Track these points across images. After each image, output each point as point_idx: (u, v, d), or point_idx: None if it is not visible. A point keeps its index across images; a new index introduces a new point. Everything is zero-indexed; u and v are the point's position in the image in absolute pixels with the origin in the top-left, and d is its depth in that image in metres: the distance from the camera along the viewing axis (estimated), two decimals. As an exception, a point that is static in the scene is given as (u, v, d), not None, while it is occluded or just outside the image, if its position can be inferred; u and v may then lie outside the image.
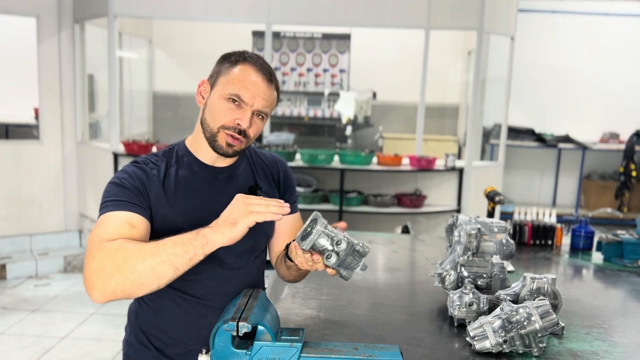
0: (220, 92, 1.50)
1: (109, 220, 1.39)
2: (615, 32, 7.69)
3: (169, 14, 5.20)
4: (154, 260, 1.28)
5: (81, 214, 5.43)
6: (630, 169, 7.15)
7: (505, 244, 1.76)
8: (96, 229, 1.38)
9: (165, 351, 1.57)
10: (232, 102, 1.49)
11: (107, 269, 1.27)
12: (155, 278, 1.29)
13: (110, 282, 1.27)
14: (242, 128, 1.50)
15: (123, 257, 1.28)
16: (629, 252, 2.34)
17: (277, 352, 1.23)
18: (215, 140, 1.52)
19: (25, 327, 3.84)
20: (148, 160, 1.56)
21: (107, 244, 1.32)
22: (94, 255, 1.31)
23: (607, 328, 1.63)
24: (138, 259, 1.28)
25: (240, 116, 1.49)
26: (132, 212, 1.42)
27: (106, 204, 1.43)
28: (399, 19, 5.00)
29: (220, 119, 1.50)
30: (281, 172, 1.74)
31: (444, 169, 4.90)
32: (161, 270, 1.29)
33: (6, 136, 5.93)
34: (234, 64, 1.52)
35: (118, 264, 1.27)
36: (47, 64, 5.17)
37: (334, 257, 1.32)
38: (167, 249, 1.30)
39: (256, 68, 1.52)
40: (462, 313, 1.54)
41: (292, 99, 6.80)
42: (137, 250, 1.30)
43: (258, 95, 1.50)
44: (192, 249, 1.30)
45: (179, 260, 1.30)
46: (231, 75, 1.51)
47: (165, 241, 1.31)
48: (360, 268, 1.35)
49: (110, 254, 1.29)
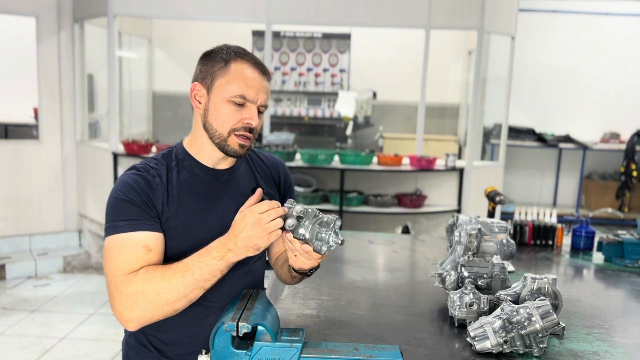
0: (222, 95, 1.48)
1: (124, 247, 1.40)
2: (616, 32, 7.69)
3: (169, 14, 5.20)
4: (185, 289, 1.36)
5: (80, 214, 5.43)
6: (631, 168, 7.15)
7: (505, 244, 1.75)
8: (113, 257, 1.40)
9: (165, 352, 1.56)
10: (236, 104, 1.48)
11: (141, 304, 1.35)
12: (188, 301, 1.39)
13: (147, 314, 1.36)
14: (253, 126, 1.50)
15: (154, 291, 1.35)
16: (630, 252, 2.33)
17: (277, 353, 1.23)
18: (226, 144, 1.51)
19: (25, 328, 3.84)
20: (148, 166, 1.53)
21: (132, 277, 1.37)
22: (121, 290, 1.36)
23: (607, 328, 1.62)
24: (171, 291, 1.35)
25: (248, 115, 1.49)
26: (145, 231, 1.42)
27: (114, 224, 1.42)
28: (399, 19, 5.00)
29: (229, 123, 1.48)
30: (281, 174, 1.74)
31: (445, 169, 4.89)
32: (193, 296, 1.39)
33: (5, 136, 5.93)
34: (227, 62, 1.49)
35: (150, 298, 1.35)
36: (47, 64, 5.17)
37: (290, 220, 1.34)
38: (196, 276, 1.37)
39: (250, 63, 1.51)
40: (463, 313, 1.54)
41: (292, 98, 6.79)
42: (166, 281, 1.36)
43: (260, 90, 1.50)
44: (220, 272, 1.39)
45: (208, 283, 1.39)
46: (229, 75, 1.48)
47: (192, 268, 1.37)
48: (334, 240, 1.34)
49: (139, 288, 1.35)
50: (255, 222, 1.33)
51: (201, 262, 1.37)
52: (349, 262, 2.27)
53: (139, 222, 1.42)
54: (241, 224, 1.35)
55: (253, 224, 1.33)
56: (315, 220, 1.34)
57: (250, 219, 1.34)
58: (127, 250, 1.40)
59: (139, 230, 1.42)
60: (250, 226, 1.34)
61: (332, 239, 1.33)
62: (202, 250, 1.39)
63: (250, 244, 1.34)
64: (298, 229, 1.34)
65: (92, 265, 5.18)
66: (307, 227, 1.34)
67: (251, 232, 1.33)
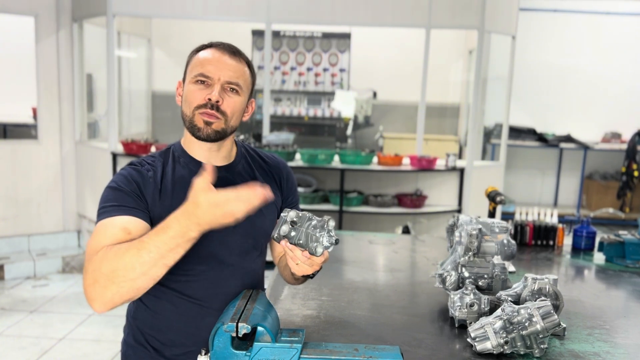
0: (188, 80, 1.52)
1: (104, 229, 1.38)
2: (617, 31, 7.68)
3: (168, 13, 5.19)
4: (142, 267, 1.27)
5: (79, 214, 5.42)
6: (632, 168, 7.14)
7: (506, 244, 1.75)
8: (91, 239, 1.38)
9: (163, 352, 1.56)
10: (200, 82, 1.49)
11: (101, 281, 1.28)
12: (151, 280, 1.30)
13: (107, 293, 1.28)
14: (213, 101, 1.48)
15: (110, 268, 1.27)
16: (631, 253, 2.33)
17: (277, 353, 1.23)
18: (194, 125, 1.50)
19: (24, 328, 3.83)
20: (144, 161, 1.55)
21: (93, 257, 1.31)
22: (87, 268, 1.31)
23: (609, 329, 1.62)
24: (126, 268, 1.27)
25: (210, 91, 1.49)
26: (129, 215, 1.40)
27: (103, 209, 1.42)
28: (400, 18, 4.99)
29: (193, 102, 1.50)
30: (284, 174, 1.73)
31: (445, 169, 4.88)
32: (154, 273, 1.29)
33: (4, 136, 5.93)
34: (197, 52, 1.55)
35: (107, 275, 1.27)
36: (46, 63, 5.16)
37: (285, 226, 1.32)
38: (154, 254, 1.27)
39: (217, 47, 1.53)
40: (463, 314, 1.54)
41: (292, 98, 6.79)
42: (119, 258, 1.28)
43: (223, 67, 1.50)
44: (182, 250, 1.29)
45: (170, 260, 1.29)
46: (195, 60, 1.53)
47: (149, 246, 1.27)
48: (328, 240, 1.32)
49: (97, 266, 1.29)
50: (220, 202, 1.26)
51: (158, 240, 1.28)
52: (349, 263, 2.26)
53: (123, 207, 1.41)
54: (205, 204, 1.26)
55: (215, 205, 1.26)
56: (309, 224, 1.34)
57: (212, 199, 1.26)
58: (106, 231, 1.37)
59: (122, 214, 1.40)
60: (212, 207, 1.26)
61: (326, 239, 1.32)
62: (158, 227, 1.30)
63: (214, 223, 1.27)
64: (291, 234, 1.33)
65: (91, 265, 5.16)
66: (302, 231, 1.33)
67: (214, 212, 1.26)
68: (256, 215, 1.58)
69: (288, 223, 1.33)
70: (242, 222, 1.55)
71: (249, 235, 1.58)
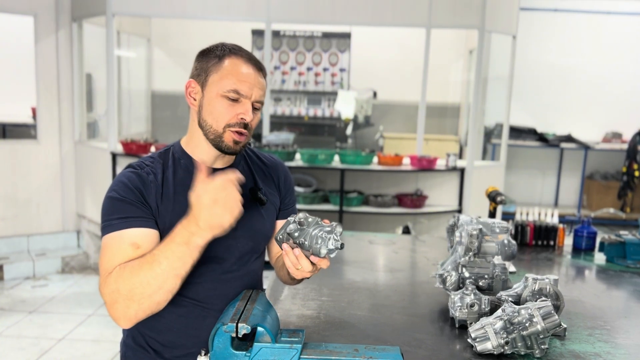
0: (216, 90, 1.47)
1: (112, 246, 1.40)
2: (618, 31, 7.68)
3: (168, 13, 5.19)
4: (157, 281, 1.32)
5: (79, 214, 5.41)
6: (633, 168, 7.13)
7: (507, 244, 1.75)
8: (102, 257, 1.40)
9: (163, 353, 1.56)
10: (230, 99, 1.47)
11: (120, 301, 1.33)
12: (168, 293, 1.35)
13: (129, 311, 1.34)
14: (247, 122, 1.48)
15: (127, 287, 1.32)
16: (632, 253, 2.33)
17: (277, 354, 1.23)
18: (221, 140, 1.49)
19: (23, 329, 3.83)
20: (143, 164, 1.53)
21: (108, 279, 1.35)
22: (103, 290, 1.36)
23: (609, 329, 1.62)
24: (142, 284, 1.32)
25: (242, 110, 1.47)
26: (135, 227, 1.41)
27: (108, 222, 1.43)
28: (400, 18, 4.98)
29: (224, 118, 1.47)
30: (281, 174, 1.72)
31: (445, 169, 4.87)
32: (169, 286, 1.34)
33: (3, 136, 5.93)
34: (221, 58, 1.49)
35: (126, 294, 1.33)
36: (45, 63, 5.16)
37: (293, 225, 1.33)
38: (164, 266, 1.32)
39: (244, 59, 1.50)
40: (464, 314, 1.53)
41: (292, 98, 6.78)
42: (135, 275, 1.32)
43: (254, 85, 1.49)
44: (190, 258, 1.33)
45: (181, 271, 1.34)
46: (223, 71, 1.48)
47: (159, 259, 1.32)
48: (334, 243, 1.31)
49: (114, 287, 1.34)
50: (212, 199, 1.28)
51: (167, 250, 1.32)
52: (349, 263, 2.25)
53: (130, 219, 1.42)
54: (198, 205, 1.30)
55: (210, 204, 1.28)
56: (316, 227, 1.33)
57: (206, 199, 1.28)
58: (116, 248, 1.39)
59: (130, 227, 1.41)
60: (207, 207, 1.28)
61: (332, 242, 1.31)
62: (167, 238, 1.35)
63: (214, 224, 1.29)
64: (296, 234, 1.33)
65: (90, 265, 5.16)
66: (307, 233, 1.32)
67: (210, 211, 1.28)
68: (256, 218, 1.59)
69: (296, 223, 1.33)
70: (242, 224, 1.56)
71: (248, 237, 1.58)
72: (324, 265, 1.36)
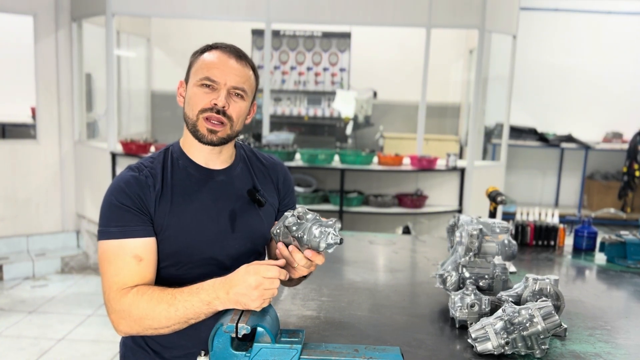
0: (193, 82, 1.50)
1: (116, 257, 1.42)
2: (619, 31, 7.67)
3: (168, 12, 5.19)
4: (168, 322, 1.37)
5: (79, 214, 5.41)
6: (633, 168, 7.13)
7: (507, 244, 1.75)
8: (107, 267, 1.43)
9: (162, 354, 1.56)
10: (205, 86, 1.48)
11: (127, 320, 1.40)
12: (172, 331, 1.41)
13: (132, 331, 1.41)
14: (219, 106, 1.47)
15: (139, 314, 1.38)
16: (632, 253, 2.32)
17: (277, 354, 1.23)
18: (197, 129, 1.49)
19: (22, 329, 3.82)
20: (142, 165, 1.53)
21: (123, 295, 1.40)
22: (112, 304, 1.41)
23: (610, 330, 1.62)
24: (154, 319, 1.37)
25: (215, 96, 1.47)
26: (135, 237, 1.43)
27: (106, 229, 1.44)
28: (400, 17, 4.98)
29: (197, 105, 1.48)
30: (281, 176, 1.72)
31: (445, 169, 4.87)
32: (176, 328, 1.40)
33: (3, 136, 5.92)
34: (201, 53, 1.52)
35: (135, 319, 1.38)
36: (45, 63, 5.15)
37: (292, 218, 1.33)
38: (180, 313, 1.36)
39: (223, 50, 1.51)
40: (464, 314, 1.53)
41: (292, 98, 6.78)
42: (151, 309, 1.37)
43: (229, 72, 1.48)
44: (204, 315, 1.37)
45: (192, 321, 1.39)
46: (200, 63, 1.50)
47: (177, 305, 1.36)
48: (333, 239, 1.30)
49: (126, 308, 1.39)
50: (257, 284, 1.28)
51: (187, 301, 1.35)
52: (349, 263, 2.25)
53: (129, 229, 1.43)
54: (241, 278, 1.29)
55: (253, 286, 1.28)
56: (315, 222, 1.33)
57: (252, 280, 1.28)
58: (119, 261, 1.42)
59: (129, 237, 1.43)
60: (248, 286, 1.28)
61: (331, 237, 1.30)
62: (194, 287, 1.36)
63: (241, 301, 1.29)
64: (294, 227, 1.32)
65: (90, 266, 5.16)
66: (306, 227, 1.32)
67: (247, 291, 1.28)
68: (254, 219, 1.58)
69: (295, 217, 1.33)
70: (241, 225, 1.55)
71: (247, 239, 1.58)
72: (319, 261, 1.35)
